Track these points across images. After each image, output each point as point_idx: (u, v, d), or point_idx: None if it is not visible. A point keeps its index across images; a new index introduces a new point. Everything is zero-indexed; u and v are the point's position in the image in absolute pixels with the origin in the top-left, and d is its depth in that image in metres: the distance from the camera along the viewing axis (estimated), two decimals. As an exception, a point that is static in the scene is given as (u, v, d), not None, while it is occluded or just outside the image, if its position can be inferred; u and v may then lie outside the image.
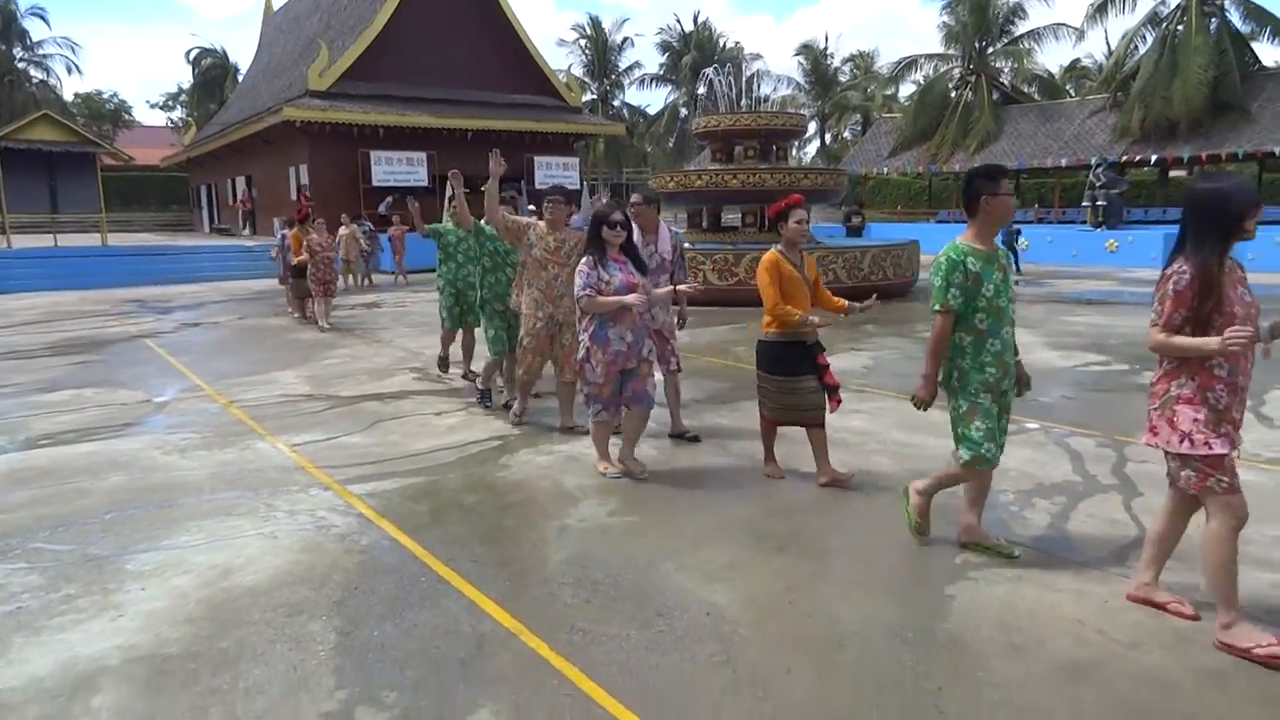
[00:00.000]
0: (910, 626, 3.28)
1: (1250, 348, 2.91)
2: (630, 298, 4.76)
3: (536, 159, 27.57)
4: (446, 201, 7.64)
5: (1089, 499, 4.67)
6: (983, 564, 3.84)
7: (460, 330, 8.06)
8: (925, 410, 3.87)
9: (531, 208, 7.54)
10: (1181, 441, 3.05)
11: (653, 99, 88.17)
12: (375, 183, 24.96)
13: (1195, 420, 3.03)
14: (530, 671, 2.99)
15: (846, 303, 4.85)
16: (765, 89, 47.16)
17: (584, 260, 4.92)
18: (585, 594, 3.60)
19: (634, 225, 5.59)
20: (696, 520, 4.44)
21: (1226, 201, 2.99)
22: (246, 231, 30.13)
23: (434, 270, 8.18)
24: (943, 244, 4.54)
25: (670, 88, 53.02)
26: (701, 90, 48.27)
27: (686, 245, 6.22)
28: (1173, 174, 29.31)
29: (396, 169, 25.51)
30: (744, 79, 27.11)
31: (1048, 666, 2.98)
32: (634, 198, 5.90)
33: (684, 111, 50.51)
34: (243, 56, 74.28)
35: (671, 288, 5.41)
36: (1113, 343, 9.65)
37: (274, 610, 3.48)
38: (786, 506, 4.64)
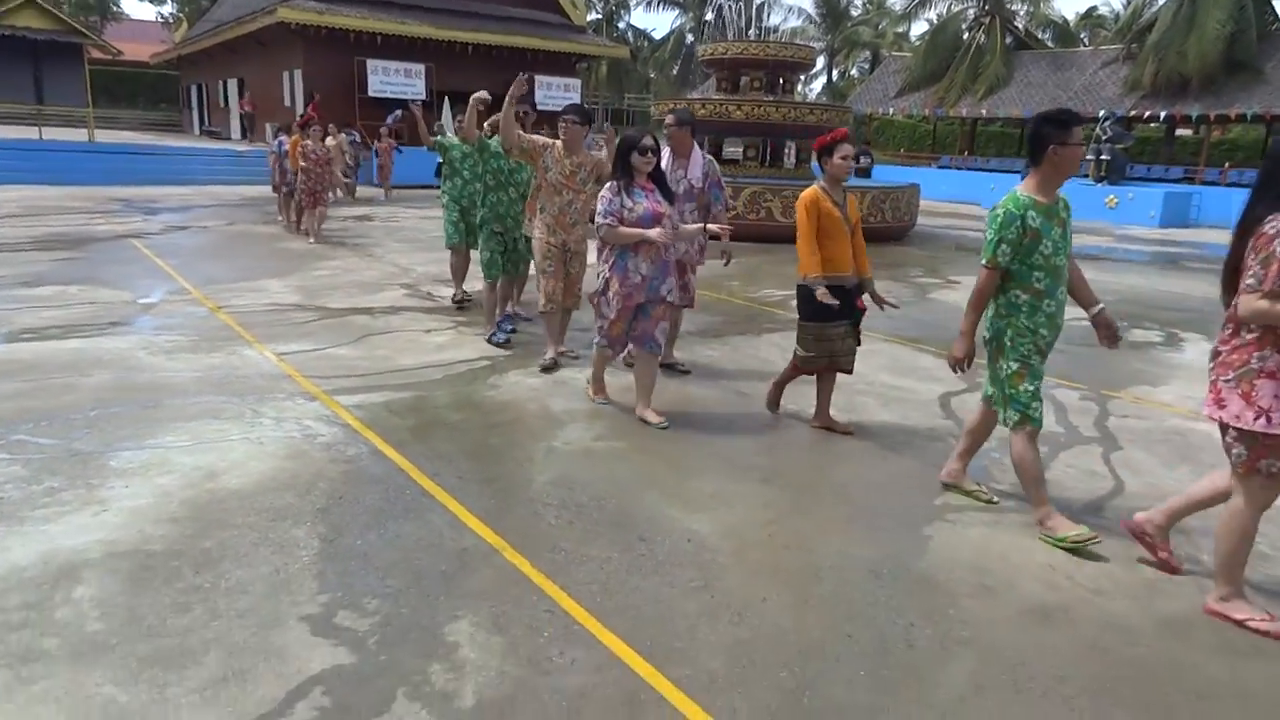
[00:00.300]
0: (886, 563, 3.34)
1: None
2: (653, 231, 4.51)
3: (537, 78, 26.89)
4: (453, 118, 7.41)
5: (1069, 450, 4.72)
6: (961, 507, 3.90)
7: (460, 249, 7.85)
8: (965, 370, 3.68)
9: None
10: (1258, 418, 2.81)
11: (659, 23, 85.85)
12: (372, 92, 24.34)
13: (1277, 396, 2.80)
14: (511, 587, 3.03)
15: (870, 278, 4.69)
16: (775, 19, 46.00)
17: (608, 186, 4.69)
18: (569, 515, 3.63)
19: (664, 149, 5.34)
20: (682, 450, 4.47)
21: None
22: (238, 135, 29.45)
23: (422, 187, 8.03)
24: (943, 190, 4.51)
25: (677, 12, 51.52)
26: (710, 17, 46.96)
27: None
28: (1179, 133, 28.93)
29: (394, 80, 24.85)
30: (754, 7, 26.40)
31: (1016, 608, 3.05)
32: (668, 119, 5.58)
33: (690, 38, 49.23)
34: (237, -49, 71.54)
35: (701, 225, 5.02)
36: (1105, 299, 9.63)
37: (258, 514, 3.50)
38: (772, 442, 4.67)
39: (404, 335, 6.67)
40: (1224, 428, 2.95)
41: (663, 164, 5.13)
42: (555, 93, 26.61)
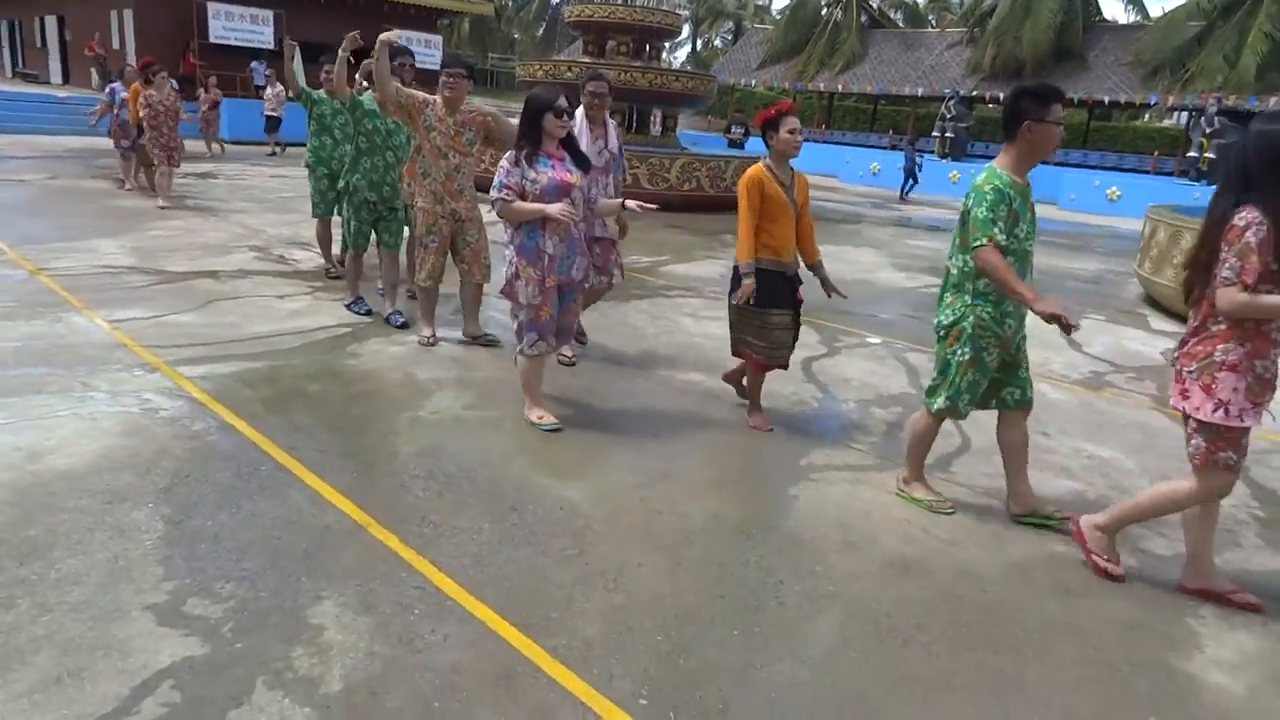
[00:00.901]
0: (755, 524, 3.42)
1: None
2: (553, 207, 3.92)
3: (396, 32, 25.75)
4: (304, 68, 6.52)
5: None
6: (824, 466, 4.04)
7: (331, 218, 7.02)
8: (1077, 324, 3.04)
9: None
10: (1216, 410, 2.79)
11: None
12: (214, 39, 22.62)
13: (1236, 390, 2.78)
14: (379, 564, 2.91)
15: (817, 257, 4.33)
16: (641, -16, 45.74)
17: (508, 155, 4.07)
18: (437, 487, 3.52)
19: (578, 118, 4.86)
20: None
21: None
22: (59, 79, 26.74)
23: (254, 143, 7.32)
24: (801, 162, 4.47)
25: (543, -29, 50.52)
26: (575, -22, 46.24)
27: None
28: (1015, 113, 30.93)
29: (238, 26, 23.16)
30: (620, -30, 26.11)
31: (878, 562, 3.19)
32: (593, 85, 4.95)
33: (555, -1, 48.38)
34: (50, -125, 64.51)
35: (620, 201, 4.49)
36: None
37: (92, 497, 3.20)
38: (641, 409, 4.68)
39: (254, 301, 6.26)
40: (1185, 418, 2.93)
41: (577, 134, 4.71)
42: (416, 48, 25.34)
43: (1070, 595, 3.06)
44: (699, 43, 52.45)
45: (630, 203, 4.40)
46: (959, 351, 3.38)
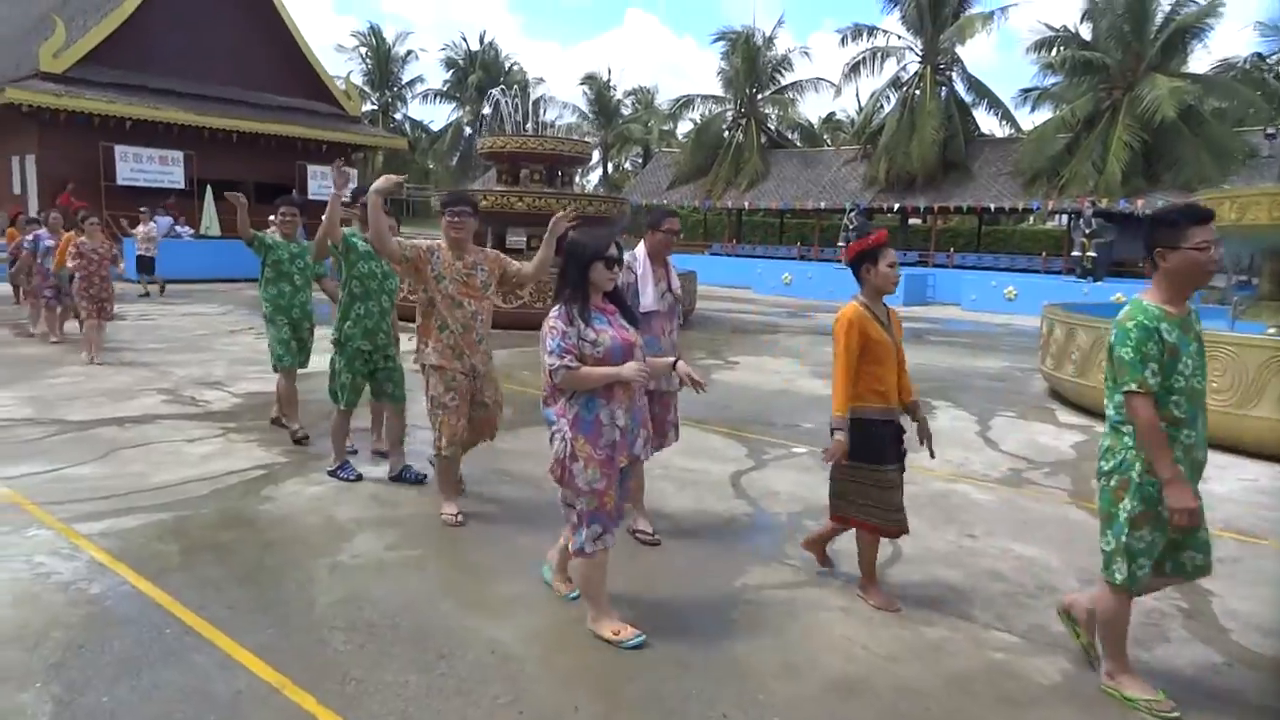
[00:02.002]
0: (695, 653, 3.32)
1: None
2: (627, 368, 3.29)
3: (310, 167, 26.02)
4: (216, 209, 6.45)
5: (851, 519, 5.00)
6: (759, 585, 3.99)
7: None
8: (1197, 521, 2.86)
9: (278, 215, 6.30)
10: None
11: (436, 115, 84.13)
12: (121, 181, 22.42)
13: None
14: (295, 730, 2.71)
15: (914, 397, 3.85)
16: (551, 114, 47.71)
17: (555, 314, 3.38)
18: (360, 638, 3.33)
19: (637, 259, 4.41)
20: (481, 553, 4.28)
21: None
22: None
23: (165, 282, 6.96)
24: (716, 275, 4.59)
25: (454, 105, 52.38)
26: (487, 110, 47.99)
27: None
28: (911, 222, 32.84)
29: (147, 168, 23.05)
30: (530, 102, 27.22)
31: (820, 684, 3.12)
32: (668, 224, 4.48)
33: (468, 130, 50.01)
34: (-47, 26, 64.43)
35: (671, 361, 3.76)
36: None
37: (-29, 680, 2.92)
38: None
39: (161, 447, 5.99)
40: None
41: (636, 277, 4.38)
42: (331, 182, 25.78)
43: (1014, 705, 3.03)
44: (610, 166, 54.53)
45: (682, 366, 3.70)
46: (1128, 505, 2.92)
